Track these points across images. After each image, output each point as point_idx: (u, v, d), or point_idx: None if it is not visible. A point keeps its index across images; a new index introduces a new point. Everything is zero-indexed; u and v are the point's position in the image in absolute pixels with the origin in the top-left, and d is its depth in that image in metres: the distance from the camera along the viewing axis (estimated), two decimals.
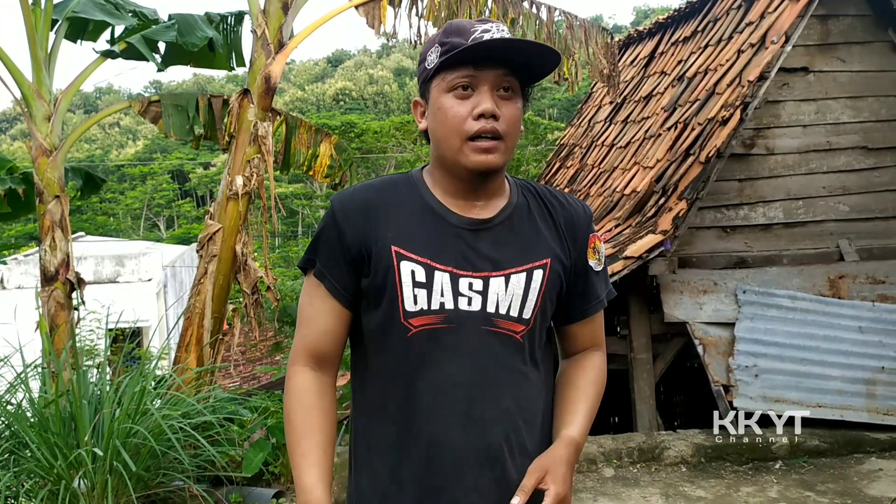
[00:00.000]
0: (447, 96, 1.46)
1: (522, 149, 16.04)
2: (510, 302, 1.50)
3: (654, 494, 4.94)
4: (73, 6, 5.82)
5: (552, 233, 1.58)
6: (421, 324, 1.47)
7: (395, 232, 1.49)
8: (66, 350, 4.89)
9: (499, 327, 1.50)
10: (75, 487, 3.89)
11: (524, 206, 1.57)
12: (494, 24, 1.46)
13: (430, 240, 1.49)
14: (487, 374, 1.49)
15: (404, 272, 1.47)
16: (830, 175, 6.39)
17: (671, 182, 6.18)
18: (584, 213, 1.64)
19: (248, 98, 5.68)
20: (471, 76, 1.45)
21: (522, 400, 1.53)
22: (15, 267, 12.97)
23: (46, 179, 5.45)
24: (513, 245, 1.52)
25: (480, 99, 1.44)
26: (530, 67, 1.48)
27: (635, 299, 6.21)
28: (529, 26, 6.33)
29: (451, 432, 1.48)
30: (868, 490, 4.90)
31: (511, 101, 1.47)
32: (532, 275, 1.52)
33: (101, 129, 51.89)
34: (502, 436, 1.50)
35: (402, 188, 1.55)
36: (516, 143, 1.52)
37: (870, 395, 5.72)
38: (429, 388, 1.48)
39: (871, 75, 6.40)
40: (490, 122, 1.44)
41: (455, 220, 1.51)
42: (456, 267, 1.48)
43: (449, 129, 1.47)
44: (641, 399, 6.23)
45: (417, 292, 1.47)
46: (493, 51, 1.43)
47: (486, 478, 1.49)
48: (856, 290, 6.15)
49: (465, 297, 1.48)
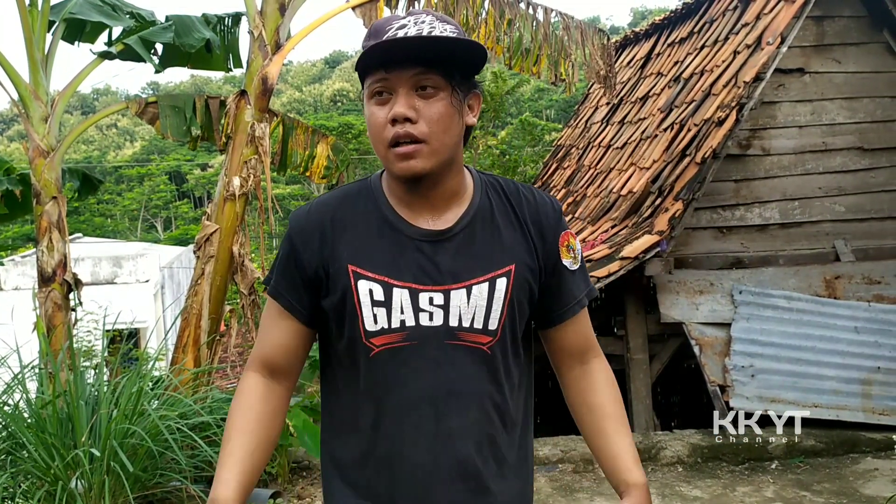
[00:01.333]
0: (370, 103, 1.41)
1: (519, 150, 16.07)
2: (473, 314, 1.44)
3: (651, 494, 4.95)
4: (71, 7, 5.82)
5: (517, 234, 1.50)
6: (382, 343, 1.44)
7: (351, 250, 1.45)
8: (63, 351, 4.89)
9: (463, 340, 1.45)
10: (72, 488, 3.89)
11: (486, 210, 1.50)
12: (415, 17, 1.38)
13: (387, 256, 1.45)
14: (454, 388, 1.44)
15: (362, 291, 1.43)
16: (826, 176, 6.41)
17: (667, 183, 6.19)
18: (553, 209, 1.55)
19: (245, 99, 5.68)
20: (384, 79, 1.38)
21: (494, 410, 1.49)
22: (12, 268, 12.96)
23: (44, 181, 5.45)
24: (474, 254, 1.46)
25: (395, 102, 1.38)
26: (453, 60, 1.39)
27: (632, 300, 6.23)
28: (526, 28, 6.35)
29: (418, 450, 1.45)
30: (864, 490, 4.92)
31: (433, 98, 1.38)
32: (495, 284, 1.45)
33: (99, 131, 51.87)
34: (474, 448, 1.46)
35: (359, 200, 1.51)
36: (448, 142, 1.41)
37: (865, 395, 5.74)
38: (394, 406, 1.45)
39: (867, 76, 6.43)
40: (404, 126, 1.37)
41: (413, 232, 1.46)
42: (415, 282, 1.43)
43: (373, 138, 1.43)
44: (638, 399, 6.24)
45: (377, 311, 1.43)
46: (397, 50, 1.35)
47: (460, 491, 1.46)
48: (852, 291, 6.17)
49: (426, 313, 1.43)
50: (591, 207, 7.66)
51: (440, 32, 1.36)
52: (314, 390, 5.34)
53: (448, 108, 1.39)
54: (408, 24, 1.37)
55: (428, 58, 1.36)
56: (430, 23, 1.37)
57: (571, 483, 5.13)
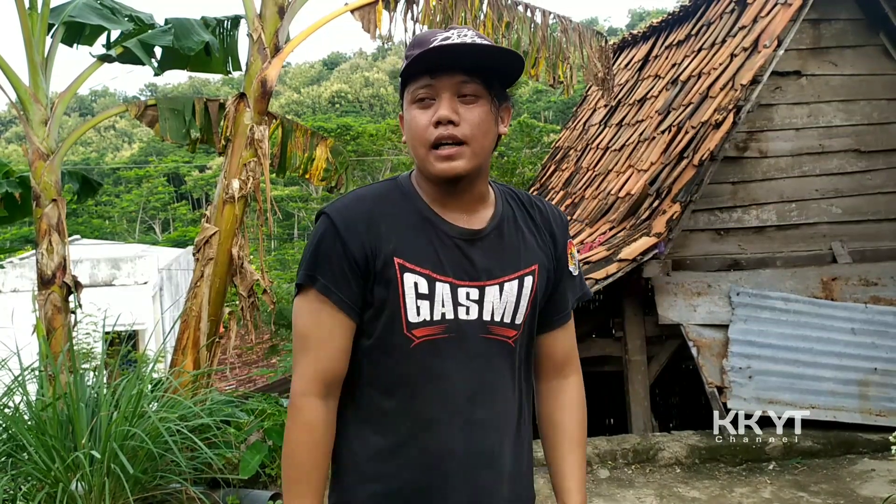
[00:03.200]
0: (412, 108, 1.49)
1: (518, 152, 16.08)
2: (504, 309, 1.54)
3: (649, 495, 4.98)
4: (70, 11, 5.84)
5: (536, 239, 1.61)
6: (423, 335, 1.49)
7: (395, 243, 1.49)
8: (63, 353, 4.91)
9: (494, 334, 1.54)
10: (73, 490, 3.89)
11: (510, 215, 1.60)
12: (458, 30, 1.47)
13: (430, 251, 1.50)
14: (485, 380, 1.53)
15: (407, 284, 1.48)
16: (823, 178, 6.44)
17: (665, 185, 6.22)
18: (562, 219, 1.68)
19: (244, 102, 5.69)
20: (429, 85, 1.46)
21: (516, 403, 1.59)
22: (10, 270, 12.96)
23: (43, 183, 5.46)
24: (503, 254, 1.55)
25: (439, 106, 1.45)
26: (493, 69, 1.48)
27: (630, 301, 6.26)
28: (524, 30, 6.37)
29: (455, 438, 1.51)
30: (861, 490, 4.94)
31: (474, 105, 1.46)
32: (523, 281, 1.56)
33: (97, 132, 51.85)
34: (498, 437, 1.55)
35: (395, 197, 1.55)
36: (486, 146, 1.51)
37: (862, 396, 5.77)
38: (433, 397, 1.50)
39: (863, 79, 6.46)
40: (448, 128, 1.45)
41: (450, 230, 1.52)
42: (455, 277, 1.50)
43: (415, 140, 1.49)
44: (636, 401, 6.27)
45: (420, 304, 1.48)
46: (442, 58, 1.43)
47: (487, 477, 1.54)
48: (848, 292, 6.20)
49: (463, 307, 1.51)
50: (589, 209, 7.68)
51: (487, 43, 1.46)
52: None
53: (487, 115, 1.48)
54: (452, 36, 1.45)
55: (471, 66, 1.45)
56: (472, 36, 1.46)
57: None
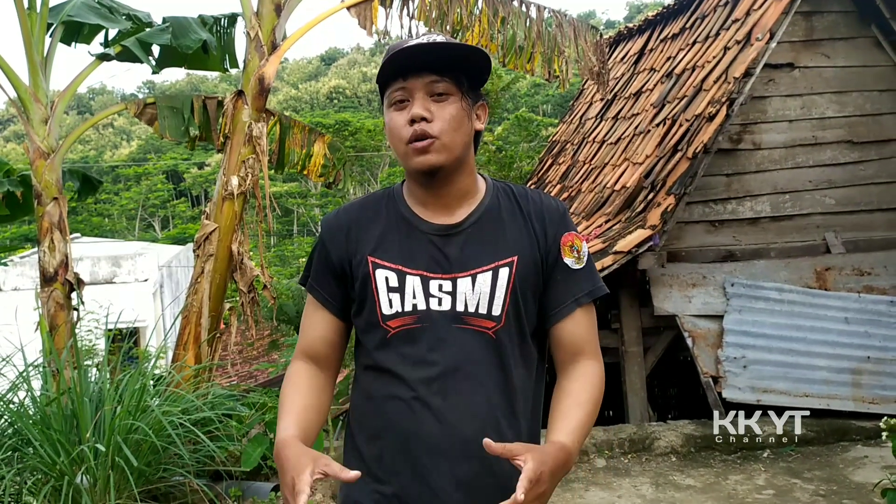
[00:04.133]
0: (390, 110, 1.60)
1: (515, 146, 16.15)
2: (478, 300, 1.58)
3: (645, 483, 5.05)
4: (69, 10, 5.90)
5: (522, 230, 1.63)
6: (398, 325, 1.59)
7: (371, 244, 1.63)
8: (66, 349, 4.97)
9: (469, 324, 1.58)
10: (78, 483, 3.95)
11: (495, 208, 1.65)
12: (429, 36, 1.58)
13: (402, 247, 1.61)
14: (461, 368, 1.56)
15: (379, 279, 1.60)
16: (816, 169, 6.51)
17: (660, 178, 6.28)
18: (557, 208, 1.68)
19: (242, 99, 5.75)
20: (402, 87, 1.57)
21: (500, 394, 1.58)
22: (11, 269, 13.03)
23: (44, 182, 5.52)
24: (480, 246, 1.61)
25: (412, 106, 1.56)
26: (462, 68, 1.58)
27: (626, 293, 6.33)
28: (519, 25, 6.42)
29: (427, 425, 1.55)
30: (853, 477, 5.02)
31: (445, 102, 1.56)
32: (498, 273, 1.58)
33: (96, 130, 51.79)
34: (479, 429, 1.53)
35: (381, 203, 1.69)
36: (459, 141, 1.59)
37: (856, 384, 5.84)
38: (407, 383, 1.57)
39: (856, 70, 6.52)
40: (422, 125, 1.55)
41: (425, 227, 1.62)
42: (426, 270, 1.59)
43: (394, 139, 1.60)
44: (633, 391, 6.34)
45: (392, 296, 1.59)
46: (412, 60, 1.54)
47: (464, 469, 1.54)
48: (842, 282, 6.27)
49: (435, 298, 1.58)
50: (585, 202, 7.75)
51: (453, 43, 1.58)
52: None
53: (458, 111, 1.58)
54: (421, 40, 1.56)
55: (439, 65, 1.55)
56: (441, 39, 1.57)
57: (567, 474, 5.22)
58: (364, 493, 1.61)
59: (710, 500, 4.76)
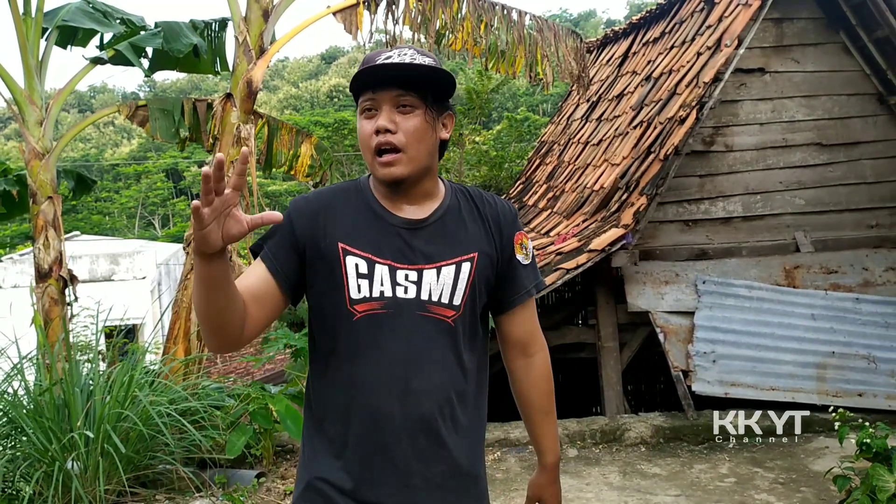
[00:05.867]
0: (360, 118, 1.73)
1: (506, 146, 16.37)
2: (441, 290, 1.72)
3: (613, 472, 5.27)
4: (63, 15, 6.09)
5: (480, 229, 1.79)
6: (364, 309, 1.69)
7: (342, 231, 1.72)
8: (59, 342, 5.18)
9: (432, 312, 1.71)
10: (69, 469, 4.14)
11: (456, 208, 1.79)
12: (400, 49, 1.70)
13: (372, 237, 1.72)
14: (423, 352, 1.70)
15: (349, 265, 1.70)
16: (786, 170, 6.72)
17: (633, 178, 6.49)
18: (510, 211, 1.85)
19: (230, 102, 5.95)
20: (371, 98, 1.68)
21: (454, 377, 1.74)
22: (10, 266, 13.23)
23: (39, 181, 5.72)
24: (444, 242, 1.74)
25: (379, 117, 1.67)
26: (425, 83, 1.69)
27: (602, 290, 6.53)
28: (502, 30, 6.61)
29: (390, 403, 1.68)
30: (813, 466, 5.23)
31: (410, 115, 1.67)
32: (460, 267, 1.73)
33: (96, 129, 51.90)
34: (436, 407, 1.70)
35: (351, 193, 1.79)
36: (423, 151, 1.70)
37: (820, 378, 6.06)
38: (372, 364, 1.69)
39: (824, 75, 6.73)
40: (385, 136, 1.66)
41: (394, 220, 1.74)
42: (394, 260, 1.70)
43: (362, 146, 1.74)
44: (609, 385, 6.54)
45: (360, 282, 1.69)
46: (378, 76, 1.67)
47: (422, 444, 1.70)
48: (809, 280, 6.48)
49: (401, 287, 1.70)
50: (567, 202, 7.95)
51: (419, 62, 1.68)
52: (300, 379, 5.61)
53: (422, 123, 1.69)
54: (392, 55, 1.68)
55: (405, 81, 1.67)
56: (412, 55, 1.68)
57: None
58: (331, 469, 1.73)
59: (674, 487, 4.98)
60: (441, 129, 1.75)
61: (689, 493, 4.86)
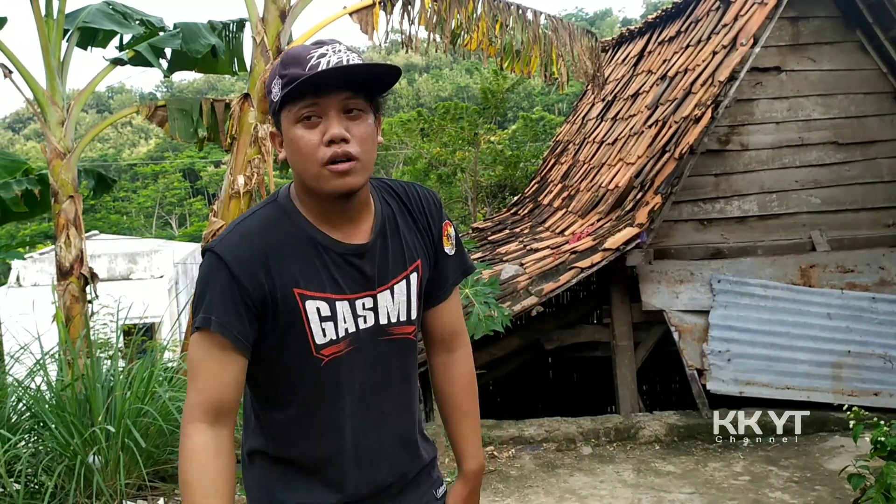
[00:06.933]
0: (297, 127, 1.50)
1: (522, 146, 16.40)
2: (398, 310, 1.65)
3: (627, 470, 5.29)
4: (84, 16, 6.18)
5: (415, 233, 1.69)
6: (331, 353, 1.58)
7: (292, 275, 1.54)
8: (80, 339, 5.26)
9: (393, 334, 1.65)
10: (90, 463, 4.21)
11: (390, 216, 1.67)
12: (330, 45, 1.50)
13: (326, 274, 1.57)
14: (389, 376, 1.66)
15: (310, 310, 1.55)
16: (802, 169, 6.71)
17: (648, 178, 6.51)
18: (436, 203, 1.73)
19: (248, 102, 6.02)
20: (314, 104, 1.48)
21: (413, 388, 1.75)
22: (31, 265, 13.39)
23: (61, 180, 5.81)
24: (388, 259, 1.64)
25: (328, 125, 1.48)
26: (373, 83, 1.53)
27: (616, 289, 6.55)
28: (517, 30, 6.65)
29: (371, 432, 1.65)
30: (828, 465, 5.24)
31: (360, 120, 1.51)
32: (410, 280, 1.66)
33: (114, 129, 52.33)
34: (408, 421, 1.71)
35: (280, 224, 1.57)
36: (374, 159, 1.57)
37: (836, 377, 6.05)
38: (347, 404, 1.62)
39: (841, 74, 6.72)
40: (341, 146, 1.48)
41: (340, 248, 1.58)
42: (351, 292, 1.59)
43: (305, 159, 1.50)
44: (624, 384, 6.55)
45: (325, 325, 1.56)
46: (325, 79, 1.46)
47: (404, 459, 1.71)
48: (826, 279, 6.47)
49: (361, 317, 1.61)
50: (582, 201, 7.98)
51: (357, 61, 1.50)
52: None
53: (371, 128, 1.54)
54: (327, 53, 1.48)
55: (355, 83, 1.49)
56: (346, 51, 1.49)
57: (553, 461, 5.48)
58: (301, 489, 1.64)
59: (688, 485, 4.99)
60: (379, 133, 1.62)
61: (703, 491, 4.88)
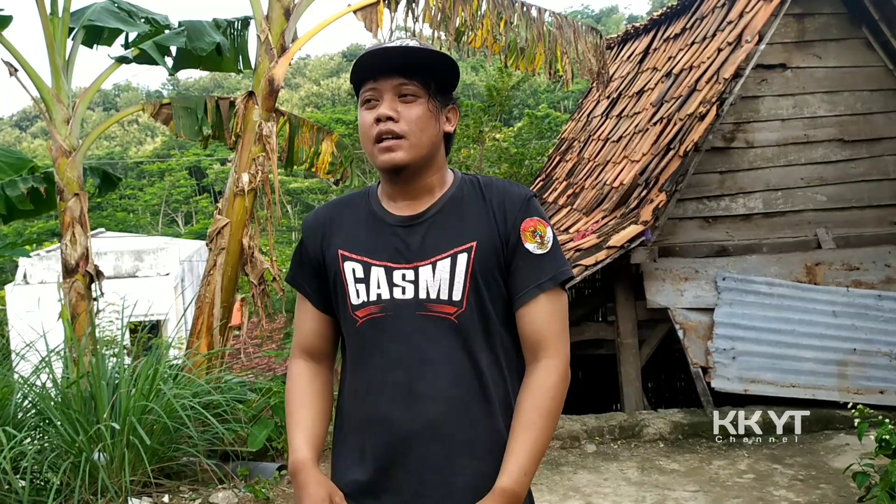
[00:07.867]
0: (362, 109, 1.68)
1: (527, 143, 16.38)
2: (439, 287, 1.63)
3: (631, 468, 5.29)
4: (89, 15, 6.20)
5: (482, 216, 1.67)
6: (365, 314, 1.66)
7: (342, 239, 1.72)
8: (86, 336, 5.28)
9: (433, 311, 1.63)
10: (95, 460, 4.23)
11: (458, 198, 1.70)
12: (401, 41, 1.66)
13: (369, 239, 1.69)
14: (425, 355, 1.62)
15: (347, 271, 1.68)
16: (808, 167, 6.69)
17: (653, 175, 6.49)
18: (521, 194, 1.70)
19: (252, 100, 6.03)
20: (373, 88, 1.64)
21: (465, 379, 1.62)
22: (38, 262, 13.43)
23: (66, 178, 5.83)
24: (440, 235, 1.65)
25: (381, 106, 1.64)
26: (429, 72, 1.65)
27: (621, 287, 6.54)
28: (521, 27, 6.64)
29: (395, 410, 1.62)
30: (833, 463, 5.22)
31: (412, 103, 1.63)
32: (457, 259, 1.62)
33: (121, 127, 52.35)
34: (443, 411, 1.61)
35: (357, 201, 1.78)
36: (425, 141, 1.65)
37: (841, 375, 6.03)
38: (375, 370, 1.65)
39: (847, 71, 6.69)
40: (388, 124, 1.62)
41: (391, 219, 1.69)
42: (390, 261, 1.65)
43: (363, 136, 1.68)
44: (628, 382, 6.55)
45: (359, 287, 1.67)
46: (380, 61, 1.63)
47: (433, 451, 1.61)
48: (831, 277, 6.45)
49: (399, 287, 1.64)
50: (587, 199, 7.96)
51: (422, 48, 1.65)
52: None
53: (425, 112, 1.65)
54: (393, 44, 1.67)
55: (407, 67, 1.63)
56: (403, 41, 1.66)
57: (558, 458, 5.48)
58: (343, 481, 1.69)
59: (692, 483, 4.99)
60: (444, 121, 1.70)
61: (708, 489, 4.87)
